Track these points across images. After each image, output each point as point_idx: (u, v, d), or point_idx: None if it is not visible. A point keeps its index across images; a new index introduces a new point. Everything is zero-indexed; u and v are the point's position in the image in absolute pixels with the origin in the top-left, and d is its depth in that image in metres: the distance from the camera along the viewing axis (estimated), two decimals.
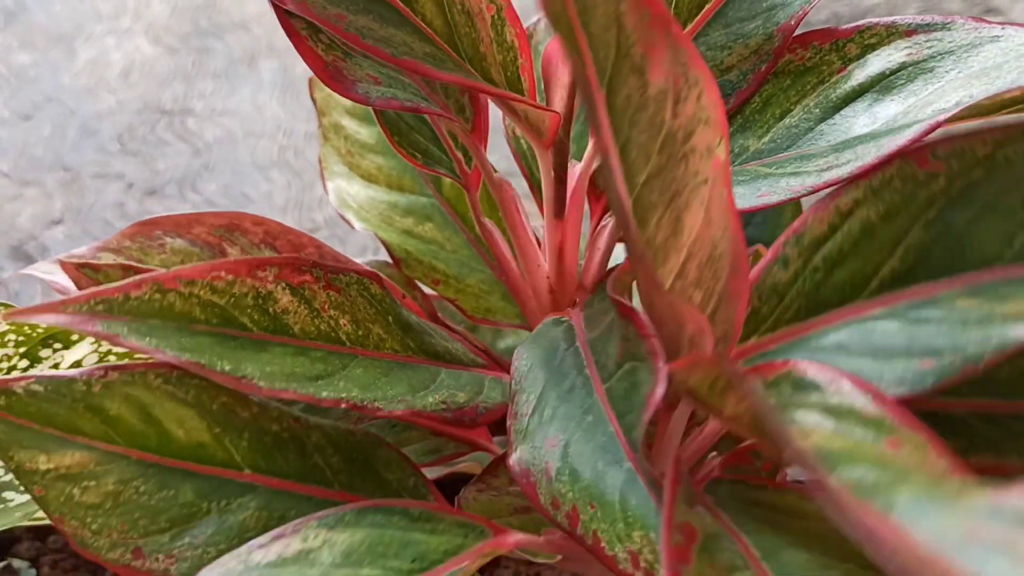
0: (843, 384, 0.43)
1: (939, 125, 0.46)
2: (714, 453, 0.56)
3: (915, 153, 0.45)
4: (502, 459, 0.57)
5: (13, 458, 0.49)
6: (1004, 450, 0.49)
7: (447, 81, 0.50)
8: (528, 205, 0.63)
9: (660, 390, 0.43)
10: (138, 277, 0.48)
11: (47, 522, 0.70)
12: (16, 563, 0.78)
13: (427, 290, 0.72)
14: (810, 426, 0.41)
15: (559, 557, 0.55)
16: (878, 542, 0.33)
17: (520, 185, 0.65)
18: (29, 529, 0.80)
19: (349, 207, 0.71)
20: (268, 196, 1.30)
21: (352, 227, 0.70)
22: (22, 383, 0.49)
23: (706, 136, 0.42)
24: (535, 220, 0.63)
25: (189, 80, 1.44)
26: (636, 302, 0.52)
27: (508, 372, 0.53)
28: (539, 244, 0.62)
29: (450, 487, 0.80)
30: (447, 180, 0.71)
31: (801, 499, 0.43)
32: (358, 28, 0.48)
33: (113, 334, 0.48)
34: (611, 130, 0.41)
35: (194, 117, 1.39)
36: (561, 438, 0.46)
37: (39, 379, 0.49)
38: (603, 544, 0.42)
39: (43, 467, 0.50)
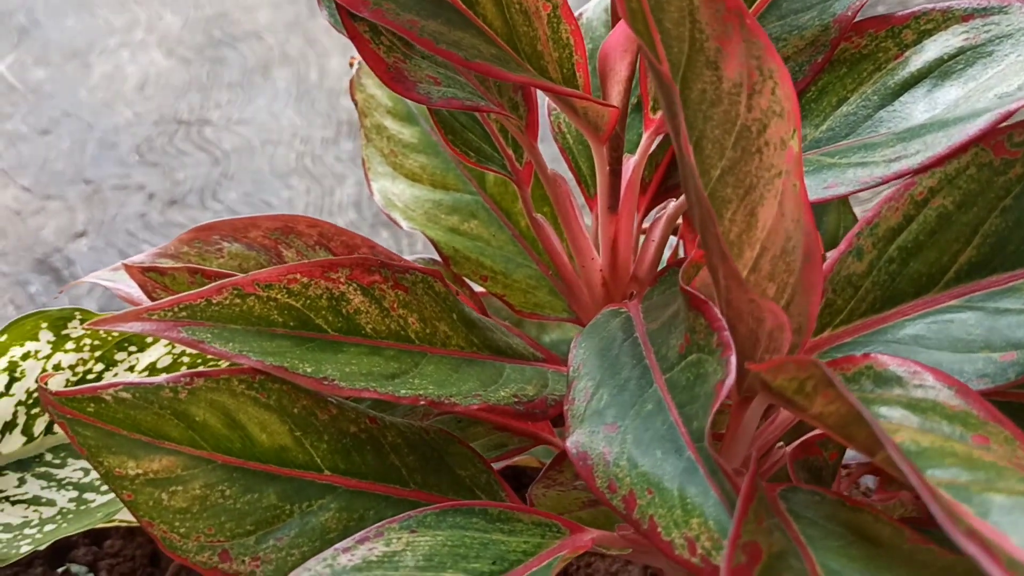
0: (926, 378, 0.43)
1: (1010, 114, 0.46)
2: (780, 444, 0.56)
3: (990, 139, 0.45)
4: (565, 454, 0.58)
5: (103, 463, 0.50)
6: None
7: (517, 82, 0.51)
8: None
9: (730, 380, 0.43)
10: (218, 283, 0.49)
11: (104, 526, 0.71)
12: (75, 568, 0.79)
13: (474, 287, 0.72)
14: (895, 422, 0.41)
15: (630, 550, 0.56)
16: (976, 545, 0.33)
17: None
18: (86, 535, 0.81)
19: (395, 207, 0.71)
20: (288, 203, 1.30)
21: (400, 226, 0.71)
22: (110, 390, 0.50)
23: (780, 129, 0.43)
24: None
25: (205, 91, 1.45)
26: None
27: (564, 366, 0.54)
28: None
29: (509, 480, 0.81)
30: (491, 177, 0.72)
31: (876, 520, 0.42)
32: (430, 33, 0.49)
33: (197, 340, 0.48)
34: (685, 125, 0.42)
35: (211, 127, 1.40)
36: (619, 425, 0.46)
37: (127, 386, 0.50)
38: (659, 529, 0.42)
39: (132, 472, 0.51)
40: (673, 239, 0.70)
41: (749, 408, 0.49)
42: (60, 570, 0.79)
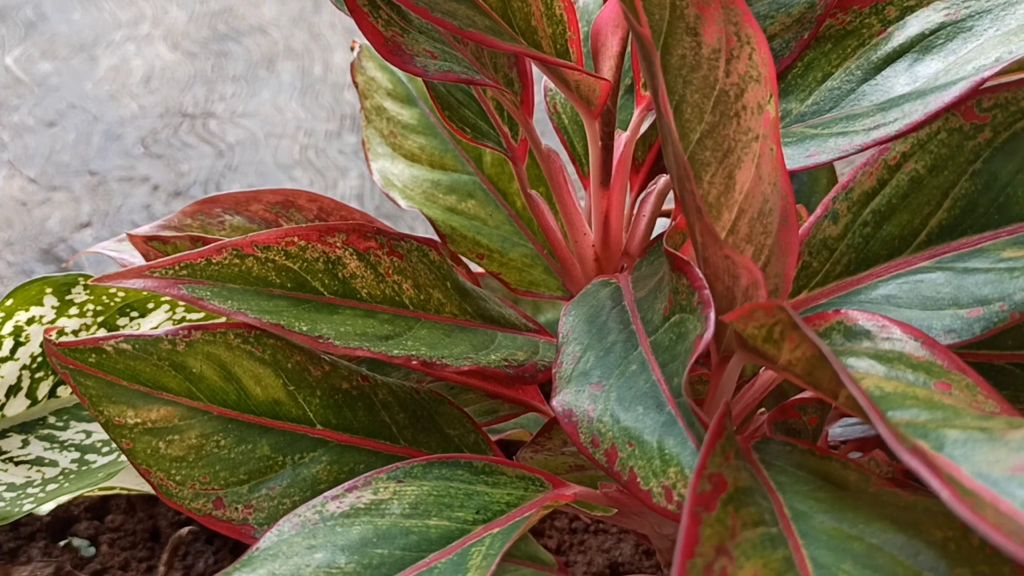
0: (893, 331, 0.45)
1: (984, 82, 0.48)
2: (762, 410, 0.58)
3: (960, 105, 0.47)
4: (555, 421, 0.59)
5: (103, 412, 0.52)
6: None
7: (509, 51, 0.52)
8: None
9: (708, 334, 0.45)
10: (218, 243, 0.50)
11: (108, 492, 0.72)
12: (76, 541, 0.80)
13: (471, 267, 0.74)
14: (862, 371, 0.43)
15: (615, 511, 0.57)
16: (917, 460, 0.35)
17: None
18: (88, 508, 0.82)
19: (394, 186, 0.73)
20: None
21: (398, 205, 0.72)
22: (111, 342, 0.51)
23: (757, 93, 0.44)
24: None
25: (209, 84, 1.46)
26: None
27: (555, 338, 0.55)
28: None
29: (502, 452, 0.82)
30: (488, 158, 0.73)
31: (844, 467, 0.44)
32: (426, 2, 0.50)
33: (197, 297, 0.50)
34: (665, 90, 0.43)
35: (216, 120, 1.41)
36: (604, 384, 0.48)
37: (127, 338, 0.52)
38: (639, 479, 0.44)
39: (131, 421, 0.52)
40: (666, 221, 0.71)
41: (726, 369, 0.50)
42: (62, 543, 0.80)
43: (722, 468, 0.40)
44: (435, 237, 0.72)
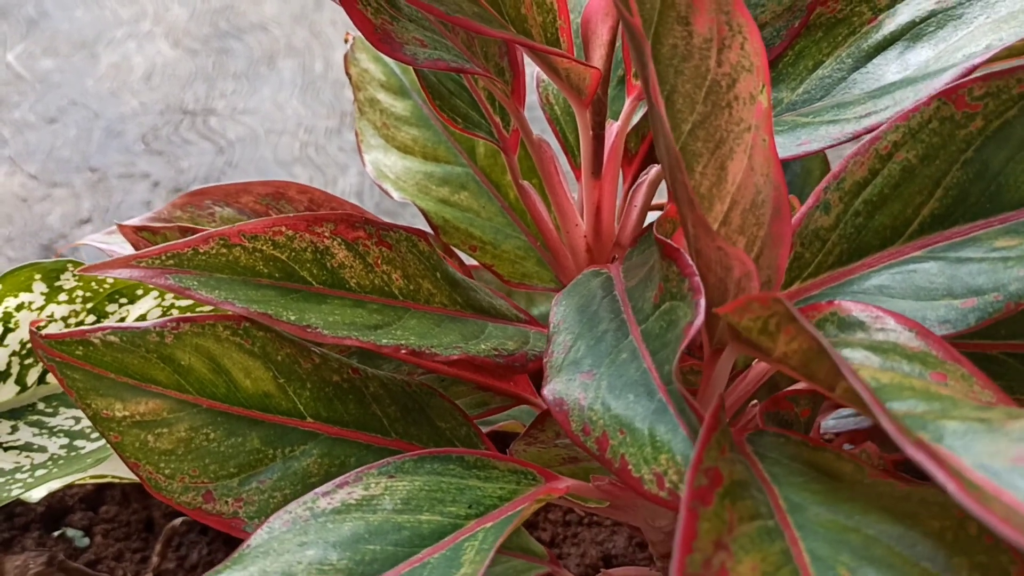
0: (887, 321, 0.44)
1: (975, 68, 0.48)
2: (755, 402, 0.58)
3: (952, 93, 0.47)
4: (547, 413, 0.59)
5: (91, 405, 0.51)
6: None
7: (497, 37, 0.52)
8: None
9: (698, 322, 0.44)
10: (204, 233, 0.50)
11: (102, 481, 0.72)
12: (70, 532, 0.80)
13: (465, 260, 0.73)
14: (857, 362, 0.42)
15: (607, 504, 0.57)
16: (923, 454, 0.35)
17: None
18: (82, 499, 0.82)
19: (386, 178, 0.73)
20: None
21: (391, 196, 0.72)
22: (99, 334, 0.51)
23: (749, 83, 0.44)
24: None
25: (210, 81, 1.46)
26: None
27: (547, 327, 0.55)
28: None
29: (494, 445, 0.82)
30: (481, 150, 0.73)
31: (838, 459, 0.43)
32: None
33: (184, 287, 0.50)
34: (657, 80, 0.43)
35: (216, 116, 1.41)
36: (595, 372, 0.47)
37: (115, 330, 0.51)
38: (630, 467, 0.43)
39: (119, 414, 0.52)
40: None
41: (719, 361, 0.50)
42: (56, 534, 0.80)
43: (718, 462, 0.39)
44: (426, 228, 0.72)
